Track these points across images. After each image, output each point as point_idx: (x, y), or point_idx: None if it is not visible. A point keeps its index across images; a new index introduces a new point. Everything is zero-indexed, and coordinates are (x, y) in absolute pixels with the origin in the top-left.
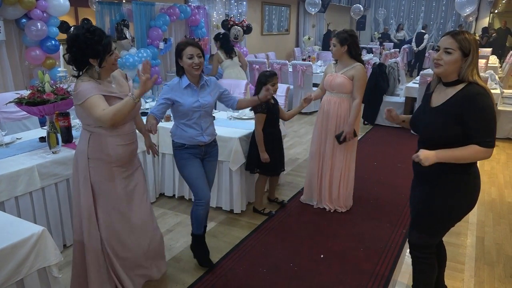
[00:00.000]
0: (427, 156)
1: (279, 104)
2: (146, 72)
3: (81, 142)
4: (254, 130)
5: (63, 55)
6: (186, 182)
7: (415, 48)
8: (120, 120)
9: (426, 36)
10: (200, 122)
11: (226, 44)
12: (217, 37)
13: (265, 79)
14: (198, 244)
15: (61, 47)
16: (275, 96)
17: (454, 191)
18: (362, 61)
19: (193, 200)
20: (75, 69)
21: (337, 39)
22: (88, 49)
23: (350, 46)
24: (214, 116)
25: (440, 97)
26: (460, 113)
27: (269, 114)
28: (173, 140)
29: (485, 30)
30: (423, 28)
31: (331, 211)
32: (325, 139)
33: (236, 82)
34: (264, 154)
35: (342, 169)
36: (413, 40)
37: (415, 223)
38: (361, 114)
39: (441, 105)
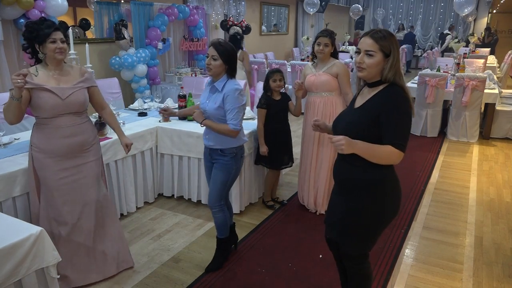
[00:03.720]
0: (349, 142)
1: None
2: (17, 76)
3: (32, 132)
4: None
5: (22, 45)
6: None
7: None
8: (12, 118)
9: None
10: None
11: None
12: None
13: (269, 75)
14: (218, 247)
15: None
16: (285, 92)
17: (375, 200)
18: (338, 58)
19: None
20: (33, 58)
21: (330, 39)
22: (33, 33)
23: (335, 45)
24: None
25: (363, 98)
26: (377, 114)
27: (270, 109)
28: None
29: (488, 29)
30: (398, 30)
31: (317, 213)
32: (312, 140)
33: None
34: (263, 147)
35: (328, 171)
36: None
37: (345, 236)
38: None
39: (361, 105)
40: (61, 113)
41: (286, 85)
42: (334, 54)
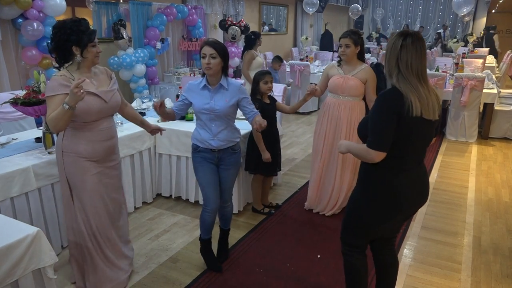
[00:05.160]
0: (341, 143)
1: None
2: (79, 87)
3: (58, 137)
4: (251, 131)
5: (46, 43)
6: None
7: None
8: (64, 126)
9: None
10: (210, 125)
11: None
12: None
13: (258, 77)
14: (205, 249)
15: None
16: (271, 95)
17: (366, 199)
18: (364, 60)
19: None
20: (57, 60)
21: (351, 39)
22: (73, 35)
23: (362, 46)
24: (234, 125)
25: None
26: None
27: (263, 113)
28: (192, 142)
29: (487, 29)
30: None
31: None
32: (332, 145)
33: None
34: (266, 153)
35: (351, 176)
36: None
37: (343, 219)
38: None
39: None
40: (104, 116)
41: (285, 86)
42: (361, 56)
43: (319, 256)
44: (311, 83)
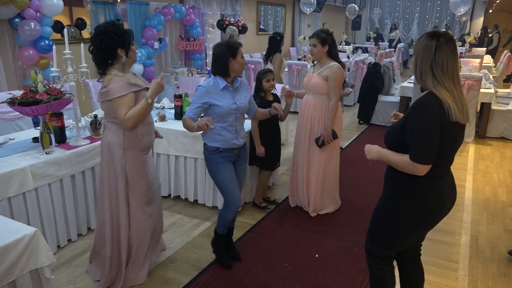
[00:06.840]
0: (370, 149)
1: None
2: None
3: (115, 135)
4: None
5: (89, 48)
6: (218, 187)
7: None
8: (141, 122)
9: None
10: (236, 124)
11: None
12: None
13: (261, 76)
14: (220, 243)
15: (54, 47)
16: (276, 94)
17: (401, 207)
18: (340, 61)
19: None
20: (99, 64)
21: (318, 39)
22: (118, 38)
23: (331, 45)
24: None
25: None
26: (404, 122)
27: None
28: (206, 144)
29: (485, 29)
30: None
31: (311, 214)
32: (303, 141)
33: None
34: (260, 148)
35: (317, 172)
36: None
37: (369, 229)
38: (345, 114)
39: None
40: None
41: (284, 85)
42: (332, 55)
43: (317, 255)
44: (283, 86)
